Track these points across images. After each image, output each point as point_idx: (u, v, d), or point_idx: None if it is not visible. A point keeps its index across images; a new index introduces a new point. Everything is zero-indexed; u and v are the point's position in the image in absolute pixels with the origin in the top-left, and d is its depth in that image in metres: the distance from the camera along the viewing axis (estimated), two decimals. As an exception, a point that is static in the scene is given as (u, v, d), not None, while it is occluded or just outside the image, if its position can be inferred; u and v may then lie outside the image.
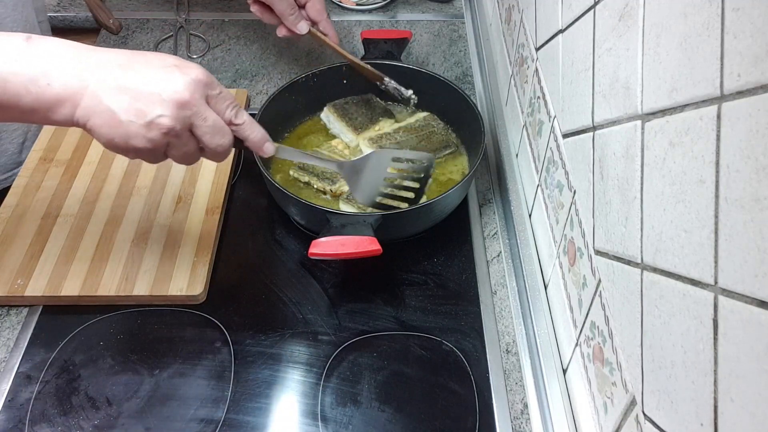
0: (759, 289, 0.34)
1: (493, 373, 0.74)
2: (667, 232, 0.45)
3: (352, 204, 0.85)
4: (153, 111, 0.58)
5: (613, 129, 0.55)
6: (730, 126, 0.37)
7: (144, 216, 0.85)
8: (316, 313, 0.79)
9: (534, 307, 0.77)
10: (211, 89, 0.61)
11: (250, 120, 0.66)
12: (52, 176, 0.90)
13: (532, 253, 0.82)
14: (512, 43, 0.96)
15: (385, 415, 0.70)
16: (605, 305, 0.58)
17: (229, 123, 0.64)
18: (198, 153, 0.64)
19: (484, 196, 0.94)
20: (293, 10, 0.92)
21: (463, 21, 1.26)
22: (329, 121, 0.99)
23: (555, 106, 0.73)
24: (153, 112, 0.58)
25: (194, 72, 0.60)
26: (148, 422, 0.69)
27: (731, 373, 0.37)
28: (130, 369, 0.73)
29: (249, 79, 1.11)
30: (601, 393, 0.59)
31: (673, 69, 0.44)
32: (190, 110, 0.60)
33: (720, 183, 0.38)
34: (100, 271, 0.79)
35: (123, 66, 0.58)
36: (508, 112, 1.00)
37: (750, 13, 0.34)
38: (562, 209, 0.71)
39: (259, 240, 0.87)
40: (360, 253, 0.72)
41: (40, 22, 1.05)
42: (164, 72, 0.59)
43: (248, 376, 0.73)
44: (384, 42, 1.03)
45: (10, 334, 0.76)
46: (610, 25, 0.55)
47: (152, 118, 0.58)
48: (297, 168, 0.90)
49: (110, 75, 0.58)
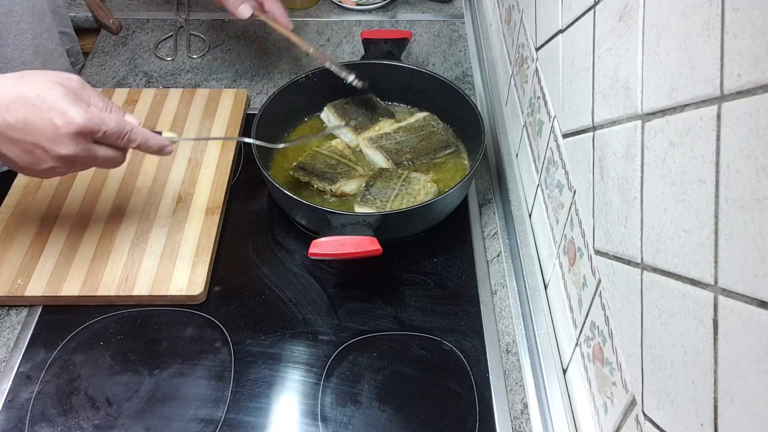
0: (759, 289, 0.34)
1: (493, 373, 0.74)
2: (667, 232, 0.45)
3: (368, 205, 0.84)
4: (45, 164, 0.65)
5: (613, 129, 0.55)
6: (730, 126, 0.37)
7: (144, 216, 0.85)
8: (316, 313, 0.79)
9: (534, 307, 0.77)
10: (95, 133, 0.65)
11: (143, 137, 0.70)
12: (52, 176, 0.90)
13: (532, 253, 0.82)
14: (512, 43, 0.96)
15: (385, 415, 0.70)
16: (605, 305, 0.58)
17: (125, 148, 0.70)
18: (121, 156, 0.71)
19: (484, 196, 0.94)
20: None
21: (463, 21, 1.26)
22: (329, 121, 0.99)
23: (555, 106, 0.73)
24: (45, 165, 0.65)
25: (74, 123, 0.63)
26: (148, 422, 0.69)
27: (731, 373, 0.37)
28: (130, 369, 0.73)
29: (249, 79, 1.11)
30: (601, 393, 0.59)
31: (673, 69, 0.44)
32: (78, 159, 0.65)
33: (720, 183, 0.38)
34: (100, 271, 0.79)
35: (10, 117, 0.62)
36: (508, 112, 1.00)
37: (750, 13, 0.34)
38: (562, 209, 0.71)
39: (259, 240, 0.87)
40: (360, 253, 0.72)
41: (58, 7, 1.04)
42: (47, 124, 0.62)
43: (248, 376, 0.73)
44: (384, 42, 1.03)
45: (10, 334, 0.76)
46: (610, 25, 0.55)
47: (45, 168, 0.65)
48: (297, 168, 0.90)
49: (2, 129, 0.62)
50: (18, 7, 0.90)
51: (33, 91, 0.62)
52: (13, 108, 0.62)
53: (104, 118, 0.66)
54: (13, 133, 0.62)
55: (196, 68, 1.13)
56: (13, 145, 0.63)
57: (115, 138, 0.67)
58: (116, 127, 0.67)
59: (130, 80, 1.10)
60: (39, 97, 0.62)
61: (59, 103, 0.63)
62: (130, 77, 1.11)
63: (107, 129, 0.66)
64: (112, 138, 0.67)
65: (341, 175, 0.88)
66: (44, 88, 0.63)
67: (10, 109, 0.62)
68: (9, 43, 0.90)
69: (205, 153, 0.94)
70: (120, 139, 0.68)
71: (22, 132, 0.62)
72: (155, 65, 1.13)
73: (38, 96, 0.62)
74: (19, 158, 0.65)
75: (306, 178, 0.89)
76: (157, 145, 0.72)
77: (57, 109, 0.62)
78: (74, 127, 0.63)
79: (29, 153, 0.64)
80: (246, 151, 0.97)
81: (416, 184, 0.87)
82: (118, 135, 0.67)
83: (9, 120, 0.62)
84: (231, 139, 0.97)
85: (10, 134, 0.62)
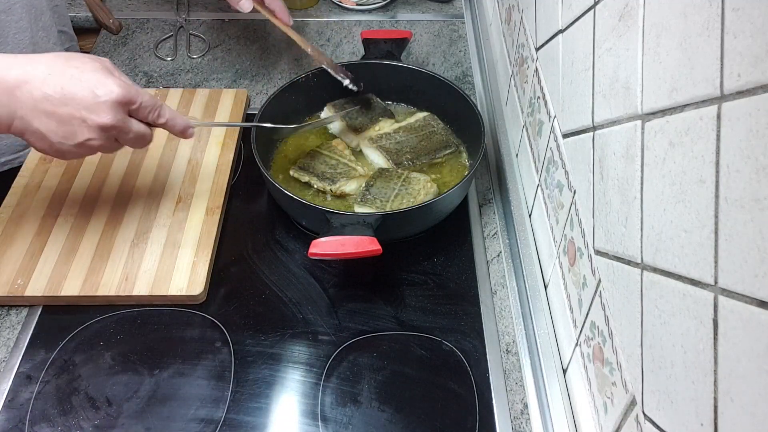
0: (759, 289, 0.34)
1: (493, 373, 0.74)
2: (667, 232, 0.45)
3: (368, 205, 0.84)
4: (81, 135, 0.65)
5: (613, 129, 0.55)
6: (730, 126, 0.37)
7: (144, 216, 0.85)
8: (316, 313, 0.79)
9: (534, 307, 0.77)
10: (132, 104, 0.67)
11: (170, 115, 0.73)
12: (52, 176, 0.90)
13: (532, 253, 0.82)
14: (512, 43, 0.96)
15: (385, 415, 0.70)
16: (605, 305, 0.58)
17: (153, 124, 0.72)
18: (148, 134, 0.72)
19: (484, 196, 0.94)
20: None
21: (463, 21, 1.26)
22: (329, 121, 0.99)
23: (555, 106, 0.73)
24: (81, 136, 0.65)
25: (115, 92, 0.65)
26: (148, 422, 0.69)
27: (731, 373, 0.37)
28: (130, 369, 0.73)
29: (249, 79, 1.11)
30: (601, 393, 0.59)
31: (673, 69, 0.44)
32: (114, 130, 0.66)
33: (720, 183, 0.38)
34: (100, 271, 0.79)
35: (48, 88, 0.63)
36: (508, 112, 1.00)
37: (750, 13, 0.34)
38: (562, 209, 0.71)
39: (259, 240, 0.87)
40: (360, 253, 0.72)
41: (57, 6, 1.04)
42: (87, 93, 0.64)
43: (248, 376, 0.73)
44: (384, 42, 1.03)
45: (10, 334, 0.76)
46: (610, 25, 0.55)
47: (81, 141, 0.66)
48: (297, 168, 0.90)
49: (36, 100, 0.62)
50: (18, 5, 0.90)
51: (71, 63, 0.64)
52: (50, 79, 0.62)
53: (140, 91, 0.68)
54: (49, 105, 0.63)
55: (196, 68, 1.13)
56: (48, 118, 0.63)
57: (149, 111, 0.69)
58: (150, 100, 0.69)
59: (130, 80, 1.10)
60: (78, 69, 0.64)
61: (98, 74, 0.65)
62: (130, 77, 1.09)
63: (143, 100, 0.68)
64: (146, 110, 0.69)
65: (341, 175, 0.88)
66: (81, 62, 0.65)
67: (47, 81, 0.62)
68: (8, 41, 0.90)
69: (205, 153, 0.94)
70: (153, 112, 0.70)
71: (60, 102, 0.63)
72: (155, 65, 1.13)
73: (77, 68, 0.64)
74: (53, 132, 0.64)
75: (306, 178, 0.89)
76: (182, 124, 0.74)
77: (96, 79, 0.64)
78: (115, 95, 0.65)
79: (65, 124, 0.64)
80: (246, 151, 0.97)
81: (416, 184, 0.87)
82: (152, 108, 0.69)
83: (47, 91, 0.62)
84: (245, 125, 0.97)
85: (46, 106, 0.63)
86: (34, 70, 0.63)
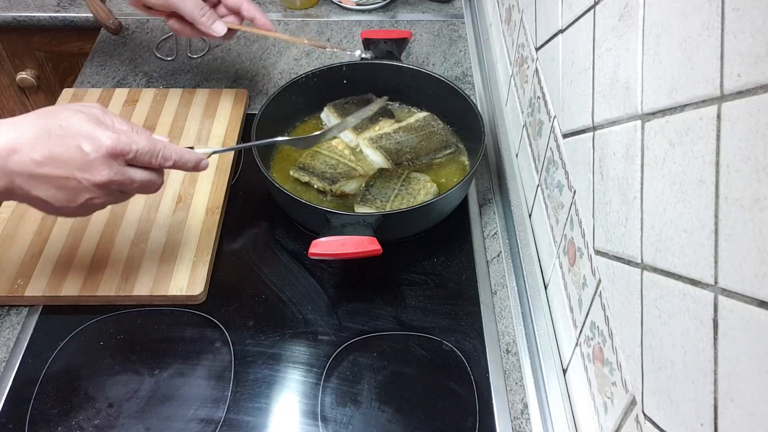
0: (759, 289, 0.34)
1: (493, 373, 0.74)
2: (667, 232, 0.45)
3: (368, 205, 0.84)
4: (81, 196, 0.62)
5: (613, 129, 0.55)
6: (730, 126, 0.37)
7: (144, 216, 0.85)
8: (316, 313, 0.79)
9: (534, 307, 0.77)
10: (126, 154, 0.63)
11: (177, 155, 0.67)
12: (52, 176, 0.90)
13: (532, 253, 0.82)
14: (512, 43, 0.96)
15: (385, 415, 0.70)
16: (605, 305, 0.58)
17: (160, 168, 0.67)
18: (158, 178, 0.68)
19: (484, 196, 0.94)
20: (203, 11, 0.84)
21: (463, 21, 1.26)
22: (329, 121, 0.99)
23: (555, 106, 0.73)
24: (82, 198, 0.62)
25: (104, 146, 0.61)
26: (148, 422, 0.69)
27: (731, 373, 0.37)
28: (130, 369, 0.73)
29: (249, 79, 1.11)
30: (601, 393, 0.59)
31: (673, 69, 0.44)
32: (114, 185, 0.63)
33: (720, 183, 0.38)
34: (100, 271, 0.79)
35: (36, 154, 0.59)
36: (508, 112, 1.00)
37: (750, 13, 0.34)
38: (562, 209, 0.71)
39: (259, 240, 0.87)
40: (360, 253, 0.72)
41: None
42: (76, 152, 0.60)
43: (248, 376, 0.73)
44: (384, 42, 1.03)
45: (10, 334, 0.76)
46: (610, 25, 0.55)
47: (83, 201, 0.63)
48: (297, 168, 0.90)
49: (29, 170, 0.59)
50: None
51: (54, 122, 0.60)
52: (37, 144, 0.59)
53: (133, 137, 0.63)
54: (42, 170, 0.59)
55: (196, 68, 1.13)
56: (45, 184, 0.60)
57: (149, 157, 0.64)
58: (147, 146, 0.64)
59: (130, 80, 1.10)
60: (62, 126, 0.60)
61: (84, 128, 0.60)
62: (130, 77, 1.11)
63: (138, 148, 0.63)
64: (145, 158, 0.64)
65: (341, 175, 0.88)
66: (65, 117, 0.60)
67: (35, 147, 0.59)
68: None
69: (205, 153, 0.94)
70: (154, 158, 0.65)
71: (51, 167, 0.59)
72: (155, 65, 1.13)
73: (60, 126, 0.60)
74: (53, 198, 0.61)
75: (306, 178, 0.89)
76: (193, 161, 0.69)
77: (83, 135, 0.60)
78: (104, 149, 0.60)
79: (63, 189, 0.61)
80: (246, 151, 0.97)
81: (416, 184, 0.87)
82: (151, 154, 0.64)
83: (35, 157, 0.58)
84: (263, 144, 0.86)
85: (39, 172, 0.59)
86: (20, 137, 0.59)
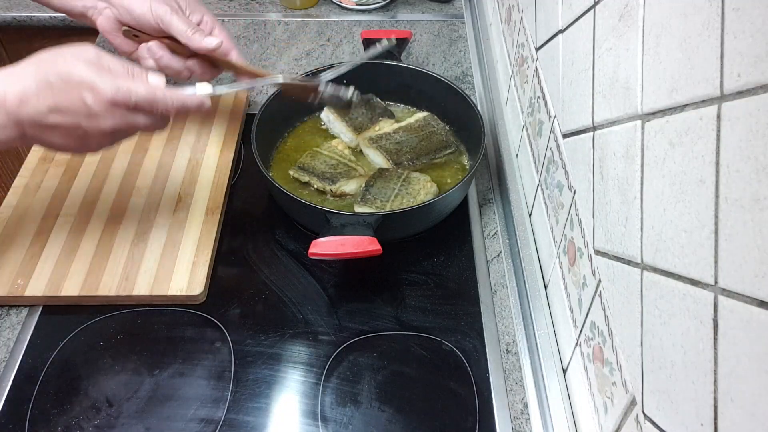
0: (759, 289, 0.34)
1: (493, 373, 0.74)
2: (667, 232, 0.45)
3: (368, 205, 0.84)
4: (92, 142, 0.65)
5: (613, 129, 0.55)
6: (730, 126, 0.37)
7: (144, 216, 0.85)
8: (316, 313, 0.79)
9: (534, 307, 0.77)
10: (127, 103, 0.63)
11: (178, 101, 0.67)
12: (52, 176, 0.90)
13: (532, 253, 0.82)
14: (512, 43, 0.96)
15: (385, 415, 0.70)
16: (605, 305, 0.58)
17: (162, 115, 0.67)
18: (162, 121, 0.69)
19: (484, 196, 0.94)
20: (193, 29, 0.80)
21: (463, 21, 1.27)
22: (329, 121, 0.99)
23: (555, 106, 0.73)
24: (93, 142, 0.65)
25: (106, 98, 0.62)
26: (148, 422, 0.69)
27: (731, 373, 0.37)
28: (130, 369, 0.73)
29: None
30: (601, 393, 0.59)
31: (673, 69, 0.44)
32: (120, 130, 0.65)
33: (720, 183, 0.38)
34: (100, 271, 0.79)
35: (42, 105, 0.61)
36: (508, 112, 1.00)
37: (750, 13, 0.34)
38: (562, 209, 0.71)
39: (259, 240, 0.87)
40: (360, 253, 0.72)
41: None
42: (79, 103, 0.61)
43: (248, 376, 0.73)
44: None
45: (10, 334, 0.76)
46: (610, 25, 0.55)
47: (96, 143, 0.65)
48: (297, 168, 0.90)
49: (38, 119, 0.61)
50: None
51: (53, 72, 0.61)
52: (42, 95, 0.60)
53: (131, 87, 0.63)
54: (50, 119, 0.61)
55: (196, 68, 1.13)
56: (55, 131, 0.62)
57: (149, 107, 0.65)
58: (146, 95, 0.64)
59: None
60: (61, 77, 0.61)
61: (84, 76, 0.61)
62: (130, 77, 1.11)
63: (137, 99, 0.63)
64: (144, 107, 0.65)
65: (341, 175, 0.88)
66: (64, 66, 0.61)
67: (40, 98, 0.60)
68: None
69: (205, 153, 0.94)
70: (155, 106, 0.65)
71: (58, 116, 0.61)
72: (155, 65, 1.13)
73: (61, 77, 0.61)
74: (64, 143, 0.64)
75: (306, 178, 0.89)
76: (194, 105, 0.69)
77: (84, 85, 0.61)
78: (106, 101, 0.62)
79: (71, 136, 0.63)
80: (246, 151, 0.97)
81: (416, 184, 0.87)
82: (150, 102, 0.64)
83: (41, 108, 0.60)
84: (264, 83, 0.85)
85: (47, 121, 0.61)
86: (27, 89, 0.60)
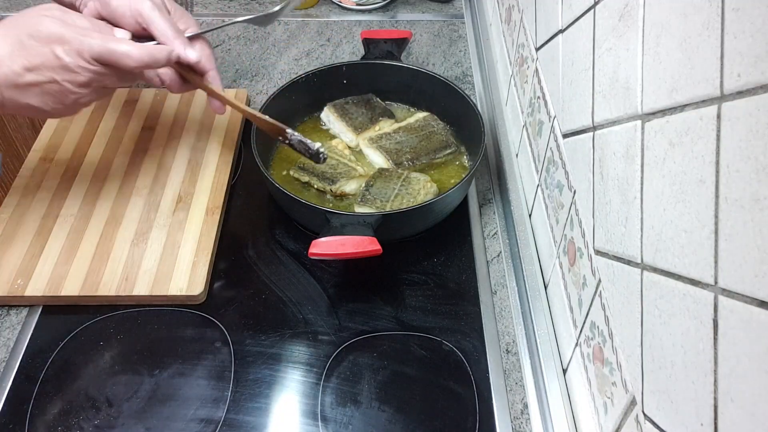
0: (759, 289, 0.34)
1: (493, 373, 0.74)
2: (667, 232, 0.45)
3: (368, 205, 0.84)
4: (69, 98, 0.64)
5: (613, 129, 0.55)
6: (730, 126, 0.37)
7: (144, 216, 0.85)
8: (316, 313, 0.79)
9: (534, 307, 0.77)
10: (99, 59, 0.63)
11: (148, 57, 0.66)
12: (52, 176, 0.90)
13: (532, 253, 0.82)
14: (512, 43, 0.96)
15: (385, 415, 0.70)
16: (605, 305, 0.58)
17: None
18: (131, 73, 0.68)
19: (484, 196, 0.94)
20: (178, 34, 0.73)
21: (463, 21, 1.27)
22: (329, 121, 0.99)
23: (555, 106, 0.73)
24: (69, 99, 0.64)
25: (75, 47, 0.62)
26: (148, 422, 0.69)
27: (731, 373, 0.37)
28: (130, 369, 0.73)
29: (249, 79, 1.11)
30: (601, 393, 0.59)
31: (673, 69, 0.44)
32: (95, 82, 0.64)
33: (720, 183, 0.38)
34: (100, 271, 0.79)
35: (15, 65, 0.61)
36: (508, 112, 1.00)
37: (750, 13, 0.34)
38: (562, 209, 0.71)
39: (259, 240, 0.87)
40: (360, 253, 0.72)
41: None
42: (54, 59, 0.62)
43: (248, 376, 0.73)
44: (384, 42, 1.03)
45: (10, 334, 0.76)
46: (610, 25, 0.55)
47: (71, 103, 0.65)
48: (297, 168, 0.90)
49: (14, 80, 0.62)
50: None
51: (23, 31, 0.61)
52: (14, 56, 0.61)
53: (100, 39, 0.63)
54: (25, 79, 0.62)
55: (196, 68, 1.13)
56: (31, 91, 0.63)
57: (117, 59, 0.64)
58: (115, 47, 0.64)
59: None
60: (31, 35, 0.61)
61: (52, 31, 0.62)
62: (130, 77, 1.11)
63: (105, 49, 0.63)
64: (113, 59, 0.64)
65: (341, 175, 0.88)
66: (32, 25, 0.62)
67: (13, 58, 0.61)
68: None
69: (205, 153, 0.94)
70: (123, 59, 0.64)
71: (33, 74, 0.62)
72: (155, 65, 1.13)
73: (30, 35, 0.61)
74: (43, 102, 0.64)
75: (306, 178, 0.89)
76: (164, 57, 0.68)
77: (53, 39, 0.61)
78: (76, 51, 0.62)
79: (49, 93, 0.63)
80: (246, 151, 0.97)
81: (416, 184, 0.87)
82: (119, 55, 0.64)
83: (15, 68, 0.61)
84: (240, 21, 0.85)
85: (23, 81, 0.62)
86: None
